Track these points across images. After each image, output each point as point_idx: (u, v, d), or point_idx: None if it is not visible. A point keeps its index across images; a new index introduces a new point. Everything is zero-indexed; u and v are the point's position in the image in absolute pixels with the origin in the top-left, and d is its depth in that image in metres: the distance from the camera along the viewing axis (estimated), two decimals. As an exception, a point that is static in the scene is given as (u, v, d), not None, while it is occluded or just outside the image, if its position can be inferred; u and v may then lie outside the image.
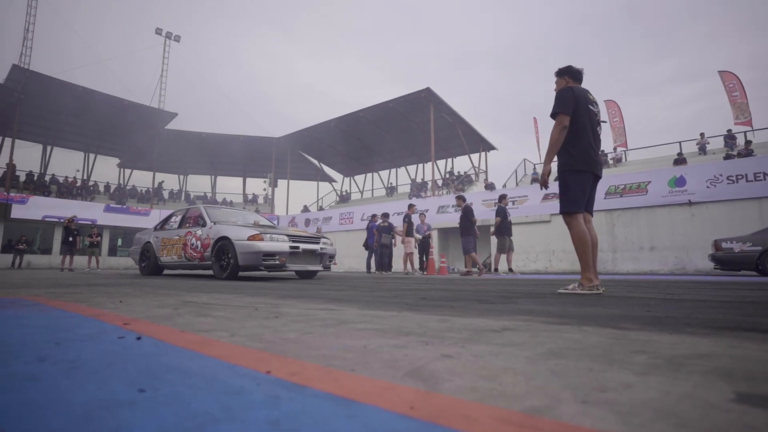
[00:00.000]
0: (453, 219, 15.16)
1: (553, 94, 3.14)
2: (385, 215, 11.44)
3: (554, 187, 14.38)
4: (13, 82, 18.47)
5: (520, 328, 1.34)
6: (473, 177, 22.54)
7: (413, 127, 22.47)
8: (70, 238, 12.58)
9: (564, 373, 0.78)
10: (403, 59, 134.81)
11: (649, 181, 12.15)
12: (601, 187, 11.05)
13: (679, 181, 11.61)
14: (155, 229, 7.99)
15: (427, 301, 2.40)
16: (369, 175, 29.43)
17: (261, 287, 3.92)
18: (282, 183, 27.74)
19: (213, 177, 30.23)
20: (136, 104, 21.70)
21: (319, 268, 6.24)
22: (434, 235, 14.06)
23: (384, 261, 10.86)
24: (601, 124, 3.18)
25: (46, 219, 18.78)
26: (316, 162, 28.46)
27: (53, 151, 24.25)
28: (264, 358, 0.91)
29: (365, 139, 24.90)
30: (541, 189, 3.21)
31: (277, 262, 5.61)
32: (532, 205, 14.24)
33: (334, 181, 30.28)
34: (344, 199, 28.16)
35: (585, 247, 2.97)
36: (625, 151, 20.43)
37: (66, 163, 25.97)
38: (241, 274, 6.45)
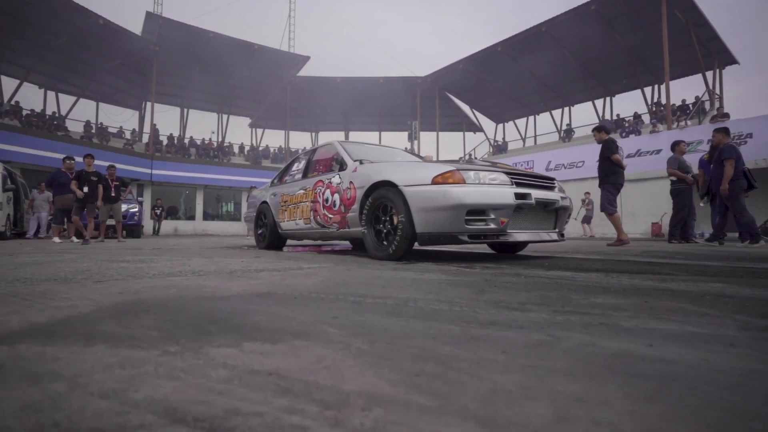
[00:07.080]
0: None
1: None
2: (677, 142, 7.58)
3: None
4: (148, 33, 19.29)
5: None
6: (706, 105, 16.80)
7: (615, 41, 18.01)
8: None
9: None
10: (508, 8, 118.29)
11: None
12: None
13: None
14: (272, 183, 6.00)
15: None
16: (530, 118, 25.79)
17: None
18: (423, 136, 25.86)
19: (346, 133, 29.54)
20: (267, 48, 21.37)
21: (554, 236, 3.61)
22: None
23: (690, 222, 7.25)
24: None
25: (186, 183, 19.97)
26: (466, 107, 25.97)
27: (189, 113, 25.88)
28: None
29: (538, 69, 20.92)
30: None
31: (493, 225, 3.00)
32: None
33: (481, 130, 27.29)
34: (500, 149, 24.66)
35: None
36: None
37: (200, 126, 27.46)
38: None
